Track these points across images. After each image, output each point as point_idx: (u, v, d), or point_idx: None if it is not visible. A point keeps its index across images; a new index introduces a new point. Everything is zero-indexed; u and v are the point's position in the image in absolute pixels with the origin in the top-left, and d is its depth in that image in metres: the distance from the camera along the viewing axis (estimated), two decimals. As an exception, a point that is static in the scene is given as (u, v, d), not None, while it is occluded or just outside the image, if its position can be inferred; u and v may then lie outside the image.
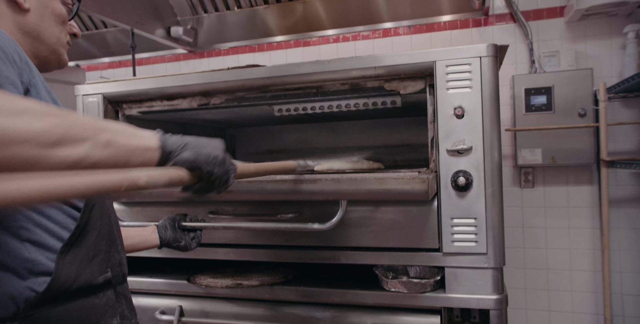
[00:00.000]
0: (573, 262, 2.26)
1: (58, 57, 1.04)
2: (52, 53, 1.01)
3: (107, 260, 0.92)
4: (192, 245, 1.29)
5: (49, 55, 1.01)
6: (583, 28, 2.29)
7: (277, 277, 1.45)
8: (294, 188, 1.17)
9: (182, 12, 2.68)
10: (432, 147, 1.36)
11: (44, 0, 0.97)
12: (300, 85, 1.48)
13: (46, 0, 0.97)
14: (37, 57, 1.00)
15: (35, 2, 0.95)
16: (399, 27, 2.51)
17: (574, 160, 2.17)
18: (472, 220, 1.28)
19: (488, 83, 1.30)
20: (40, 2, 0.96)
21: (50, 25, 0.99)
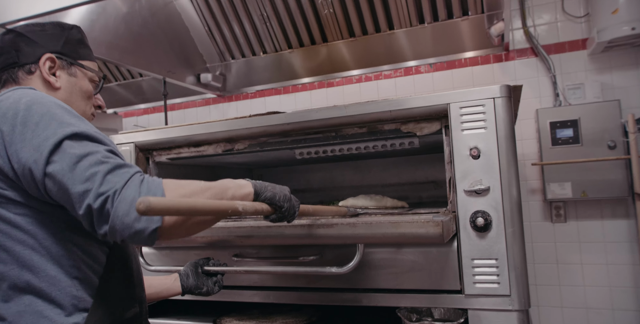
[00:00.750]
0: (615, 301, 2.16)
1: None
2: None
3: (137, 294, 1.02)
4: (214, 289, 1.33)
5: None
6: (607, 59, 2.28)
7: (300, 319, 1.46)
8: (311, 232, 1.20)
9: (211, 59, 2.83)
10: (450, 187, 1.37)
11: (73, 79, 1.12)
12: (319, 130, 1.53)
13: (75, 79, 1.13)
14: None
15: (65, 81, 1.11)
16: (421, 65, 2.56)
17: (607, 193, 2.12)
18: (494, 260, 1.26)
19: (503, 124, 1.31)
20: (69, 81, 1.12)
21: (77, 101, 1.14)
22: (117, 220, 0.79)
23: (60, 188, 0.83)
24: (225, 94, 2.96)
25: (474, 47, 2.47)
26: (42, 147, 0.84)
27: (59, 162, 0.83)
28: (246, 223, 1.29)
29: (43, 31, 1.10)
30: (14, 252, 0.88)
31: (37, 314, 0.87)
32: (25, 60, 1.07)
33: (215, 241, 1.33)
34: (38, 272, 0.89)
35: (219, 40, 2.73)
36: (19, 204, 0.89)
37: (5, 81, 1.08)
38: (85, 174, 0.82)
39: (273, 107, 2.82)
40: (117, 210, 0.79)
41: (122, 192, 0.80)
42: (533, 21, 2.40)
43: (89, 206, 0.80)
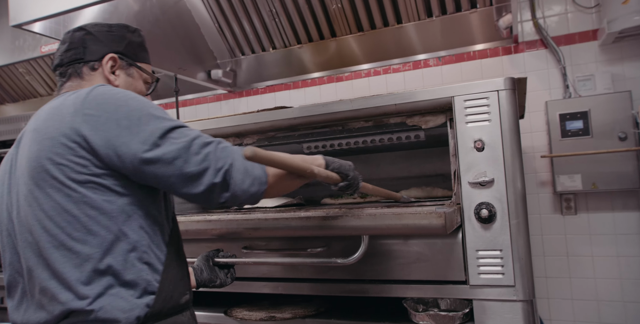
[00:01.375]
0: (626, 293, 2.15)
1: None
2: None
3: (188, 282, 1.12)
4: (227, 281, 1.37)
5: None
6: (618, 50, 2.26)
7: (309, 310, 1.49)
8: (316, 224, 1.23)
9: (222, 55, 2.86)
10: (454, 179, 1.39)
11: (130, 80, 1.22)
12: (326, 124, 1.55)
13: (131, 80, 1.23)
14: None
15: (123, 80, 1.20)
16: (429, 59, 2.56)
17: (618, 185, 2.10)
18: (498, 251, 1.28)
19: (507, 116, 1.32)
20: (127, 81, 1.21)
21: None
22: (237, 187, 0.97)
23: (172, 173, 0.95)
24: (235, 90, 2.99)
25: (482, 40, 2.46)
26: (149, 139, 0.95)
27: (170, 150, 0.95)
28: (254, 216, 1.33)
29: (109, 32, 1.20)
30: (100, 236, 0.96)
31: (115, 295, 0.96)
32: (91, 57, 1.16)
33: (225, 233, 1.37)
34: (117, 256, 0.97)
35: (229, 36, 2.76)
36: (109, 191, 0.97)
37: (70, 75, 1.17)
38: (198, 157, 0.96)
39: (283, 102, 2.85)
40: (236, 180, 0.96)
41: (234, 164, 0.97)
42: (542, 13, 2.38)
43: (212, 182, 0.96)
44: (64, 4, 1.93)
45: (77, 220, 0.96)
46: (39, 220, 0.98)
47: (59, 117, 1.00)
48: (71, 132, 0.97)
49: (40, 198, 0.98)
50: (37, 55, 2.88)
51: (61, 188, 0.96)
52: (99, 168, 0.96)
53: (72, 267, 0.95)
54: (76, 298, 0.94)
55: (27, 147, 1.03)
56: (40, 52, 2.85)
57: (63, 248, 0.96)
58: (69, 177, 0.96)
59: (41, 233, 0.97)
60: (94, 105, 0.98)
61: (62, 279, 0.96)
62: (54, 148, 0.97)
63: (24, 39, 2.89)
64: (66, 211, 0.96)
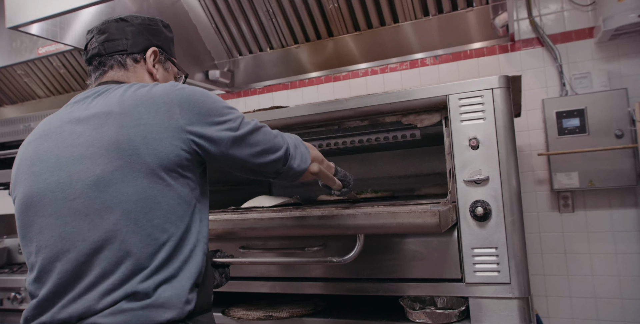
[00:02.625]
0: (624, 290, 2.16)
1: None
2: None
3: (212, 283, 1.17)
4: (222, 282, 1.37)
5: None
6: (615, 47, 2.26)
7: (307, 309, 1.49)
8: (311, 223, 1.23)
9: (219, 56, 2.86)
10: (450, 177, 1.39)
11: (166, 74, 1.28)
12: (322, 123, 1.56)
13: (166, 74, 1.28)
14: None
15: (161, 74, 1.26)
16: (426, 58, 2.57)
17: (614, 183, 2.11)
18: (493, 249, 1.28)
19: (502, 114, 1.32)
20: (164, 74, 1.27)
21: None
22: (292, 161, 1.14)
23: (251, 150, 1.07)
24: (233, 90, 3.00)
25: (479, 39, 2.46)
26: (233, 125, 1.06)
27: (250, 131, 1.08)
28: (250, 216, 1.33)
29: (150, 25, 1.23)
30: (176, 225, 1.00)
31: (177, 284, 0.98)
32: (134, 49, 1.19)
33: (222, 233, 1.38)
34: (186, 247, 1.01)
35: (226, 37, 2.77)
36: (188, 182, 1.03)
37: (113, 65, 1.19)
38: (270, 137, 1.11)
39: (281, 102, 2.85)
40: (294, 156, 1.15)
41: (290, 145, 1.15)
42: (539, 11, 2.38)
43: (278, 156, 1.11)
44: (60, 5, 1.93)
45: (160, 206, 0.98)
46: (120, 202, 0.96)
47: (154, 106, 1.01)
48: (170, 122, 1.00)
49: (124, 182, 0.96)
50: (34, 57, 2.88)
51: (149, 174, 0.97)
52: (187, 160, 1.01)
53: (149, 253, 0.96)
54: (145, 279, 0.94)
55: (109, 128, 1.00)
56: (37, 53, 2.85)
57: (143, 233, 0.96)
58: (160, 164, 0.98)
59: (119, 216, 0.96)
60: (185, 99, 1.02)
61: (138, 263, 0.95)
62: (151, 135, 0.98)
63: (21, 41, 2.90)
64: (150, 197, 0.97)
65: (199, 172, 1.07)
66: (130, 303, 0.93)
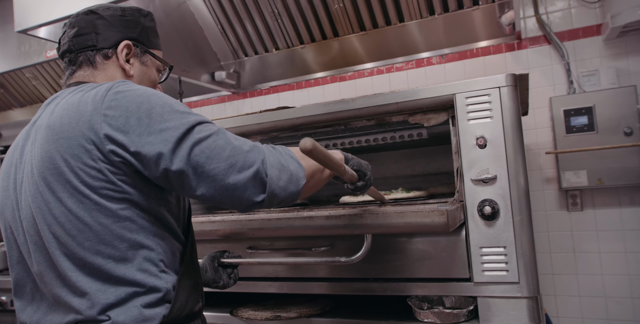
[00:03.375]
0: (634, 289, 2.14)
1: None
2: None
3: (200, 289, 1.09)
4: (229, 283, 1.37)
5: None
6: (623, 44, 2.24)
7: (314, 309, 1.50)
8: (319, 223, 1.23)
9: (225, 57, 2.87)
10: (457, 177, 1.38)
11: (144, 68, 1.16)
12: (328, 123, 1.56)
13: (145, 68, 1.16)
14: None
15: (137, 69, 1.14)
16: (432, 57, 2.56)
17: (624, 181, 2.09)
18: (502, 248, 1.28)
19: (509, 112, 1.32)
20: (141, 69, 1.15)
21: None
22: (274, 185, 0.90)
23: (195, 172, 0.88)
24: (239, 91, 3.00)
25: (485, 37, 2.45)
26: (172, 136, 0.88)
27: (195, 149, 0.88)
28: (257, 216, 1.33)
29: (123, 16, 1.11)
30: (113, 246, 0.91)
31: (129, 305, 0.91)
32: (104, 44, 1.09)
33: (229, 233, 1.38)
34: (131, 266, 0.92)
35: (232, 38, 2.78)
36: (124, 199, 0.92)
37: (81, 63, 1.09)
38: (225, 152, 0.89)
39: (287, 103, 2.85)
40: (272, 177, 0.90)
41: (266, 160, 0.91)
42: (545, 8, 2.37)
43: (242, 180, 0.88)
44: (68, 8, 1.95)
45: (89, 228, 0.90)
46: (49, 225, 0.92)
47: (76, 116, 0.92)
48: (90, 133, 0.89)
49: (51, 202, 0.91)
50: (42, 60, 2.91)
51: (74, 194, 0.90)
52: (115, 174, 0.90)
53: (84, 276, 0.91)
54: (90, 306, 0.90)
55: (39, 144, 0.95)
56: (45, 56, 2.88)
57: (74, 257, 0.91)
58: (83, 182, 0.90)
59: (51, 240, 0.92)
60: (114, 104, 0.91)
61: (74, 287, 0.91)
62: (70, 150, 0.90)
63: (29, 44, 2.92)
64: (78, 218, 0.90)
65: (148, 181, 0.94)
66: None
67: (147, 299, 0.92)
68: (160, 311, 0.94)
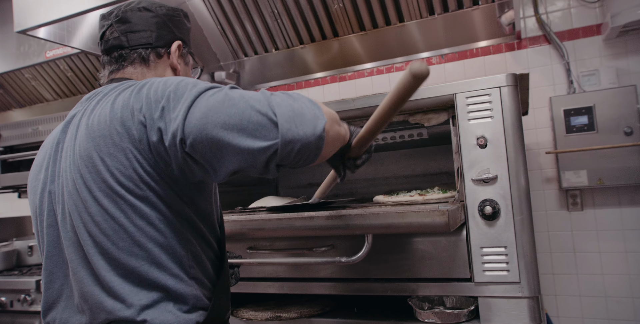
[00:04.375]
0: (635, 289, 2.14)
1: None
2: None
3: (229, 298, 1.09)
4: (231, 283, 1.37)
5: None
6: (623, 44, 2.24)
7: (315, 309, 1.49)
8: (319, 223, 1.23)
9: (225, 57, 2.87)
10: (458, 176, 1.38)
11: (187, 68, 1.20)
12: (328, 123, 1.55)
13: (187, 68, 1.21)
14: None
15: (182, 69, 1.18)
16: (432, 57, 2.56)
17: (624, 181, 2.09)
18: (502, 248, 1.28)
19: (509, 112, 1.32)
20: (185, 69, 1.19)
21: None
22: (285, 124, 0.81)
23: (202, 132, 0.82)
24: (239, 91, 3.00)
25: (485, 37, 2.45)
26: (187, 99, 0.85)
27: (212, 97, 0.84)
28: (257, 216, 1.33)
29: (174, 16, 1.14)
30: (147, 249, 0.90)
31: (163, 308, 0.90)
32: (159, 43, 1.11)
33: (229, 234, 1.38)
34: (165, 269, 0.91)
35: (231, 38, 2.78)
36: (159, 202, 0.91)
37: (134, 59, 1.10)
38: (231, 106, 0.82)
39: (287, 103, 2.85)
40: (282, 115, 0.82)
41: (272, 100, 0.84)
42: (545, 8, 2.37)
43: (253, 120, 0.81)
44: (67, 9, 1.95)
45: (124, 229, 0.90)
46: (85, 222, 0.92)
47: (111, 114, 0.92)
48: (122, 129, 0.89)
49: (88, 201, 0.91)
50: (42, 61, 2.91)
51: (109, 193, 0.90)
52: (149, 175, 0.89)
53: (118, 277, 0.90)
54: (124, 307, 0.89)
55: (79, 142, 0.95)
56: (45, 57, 2.87)
57: (109, 257, 0.90)
58: (119, 182, 0.89)
59: (86, 237, 0.92)
60: (142, 98, 0.91)
61: (107, 287, 0.90)
62: (107, 149, 0.90)
63: (29, 45, 2.92)
64: (113, 218, 0.90)
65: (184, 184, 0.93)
66: None
67: (180, 305, 0.92)
68: (192, 318, 0.92)
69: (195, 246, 0.97)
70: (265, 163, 0.84)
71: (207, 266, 1.00)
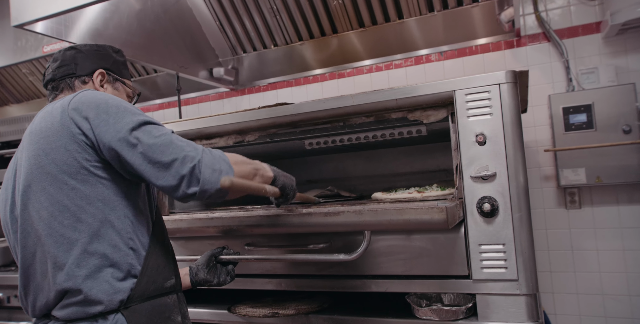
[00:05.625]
0: (632, 287, 2.14)
1: None
2: None
3: (172, 268, 1.21)
4: (226, 280, 1.37)
5: None
6: (622, 42, 2.24)
7: (312, 306, 1.49)
8: (318, 220, 1.23)
9: (223, 53, 2.86)
10: (456, 174, 1.38)
11: (116, 92, 1.38)
12: (327, 120, 1.55)
13: (117, 92, 1.39)
14: None
15: (110, 93, 1.35)
16: (431, 54, 2.55)
17: (622, 179, 2.09)
18: (501, 245, 1.27)
19: (509, 109, 1.31)
20: (113, 93, 1.36)
21: None
22: (206, 182, 1.03)
23: (143, 160, 1.04)
24: (237, 88, 2.99)
25: (485, 34, 2.45)
26: (124, 129, 1.05)
27: (142, 138, 1.05)
28: (255, 213, 1.33)
29: (98, 51, 1.36)
30: (87, 223, 1.07)
31: (101, 278, 1.06)
32: (82, 72, 1.31)
33: (227, 230, 1.38)
34: (103, 241, 1.07)
35: (230, 34, 2.76)
36: (97, 183, 1.09)
37: (62, 88, 1.31)
38: (168, 149, 1.04)
39: (285, 99, 2.84)
40: (205, 175, 1.03)
41: (202, 160, 1.05)
42: (545, 6, 2.36)
43: (181, 174, 1.03)
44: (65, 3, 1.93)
45: (67, 209, 1.07)
46: (37, 210, 1.09)
47: (50, 118, 1.12)
48: (61, 128, 1.09)
49: (37, 192, 1.09)
50: (39, 56, 2.89)
51: (54, 182, 1.08)
52: (88, 161, 1.08)
53: (64, 251, 1.06)
54: (68, 278, 1.05)
55: (26, 148, 1.16)
56: (42, 52, 2.85)
57: (56, 234, 1.07)
58: (61, 170, 1.08)
59: (38, 222, 1.09)
60: (78, 103, 1.11)
61: (56, 262, 1.07)
62: (48, 146, 1.09)
63: (26, 39, 2.90)
64: (58, 201, 1.07)
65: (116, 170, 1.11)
66: (69, 299, 1.06)
67: (116, 274, 1.07)
68: (127, 285, 1.08)
69: (133, 220, 1.12)
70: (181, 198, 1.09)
71: (143, 238, 1.14)
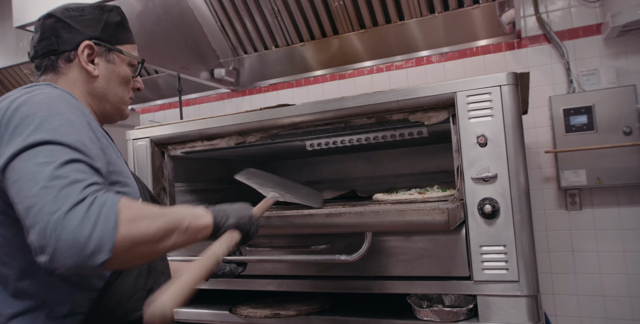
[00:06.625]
0: (632, 288, 2.14)
1: (121, 113, 1.20)
2: (115, 110, 1.18)
3: (144, 297, 0.98)
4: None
5: (113, 112, 1.18)
6: (623, 44, 2.24)
7: (314, 307, 1.49)
8: (319, 221, 1.23)
9: (224, 54, 2.86)
10: (457, 175, 1.38)
11: (111, 66, 1.11)
12: (328, 121, 1.55)
13: (112, 66, 1.12)
14: (103, 114, 1.16)
15: (103, 69, 1.10)
16: (432, 56, 2.56)
17: (623, 180, 2.09)
18: (502, 247, 1.28)
19: (510, 111, 1.31)
20: (107, 68, 1.11)
21: (115, 87, 1.14)
22: (59, 251, 0.72)
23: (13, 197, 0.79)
24: (238, 89, 3.00)
25: (485, 36, 2.45)
26: (9, 150, 0.80)
27: (20, 168, 0.78)
28: (257, 213, 1.33)
29: (82, 16, 1.07)
30: (17, 257, 0.90)
31: (32, 317, 0.90)
32: (64, 47, 1.05)
33: (229, 231, 1.37)
34: (36, 278, 0.90)
35: (231, 35, 2.77)
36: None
37: (45, 68, 1.07)
38: (33, 190, 0.75)
39: (286, 101, 2.85)
40: (60, 242, 0.72)
41: (67, 217, 0.73)
42: (546, 7, 2.37)
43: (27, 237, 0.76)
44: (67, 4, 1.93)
45: None
46: None
47: None
48: None
49: None
50: (41, 56, 2.88)
51: None
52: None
53: None
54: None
55: None
56: (44, 53, 2.85)
57: None
58: None
59: None
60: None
61: None
62: None
63: (28, 40, 2.90)
64: None
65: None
66: None
67: (51, 312, 0.90)
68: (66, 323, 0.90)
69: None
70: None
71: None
